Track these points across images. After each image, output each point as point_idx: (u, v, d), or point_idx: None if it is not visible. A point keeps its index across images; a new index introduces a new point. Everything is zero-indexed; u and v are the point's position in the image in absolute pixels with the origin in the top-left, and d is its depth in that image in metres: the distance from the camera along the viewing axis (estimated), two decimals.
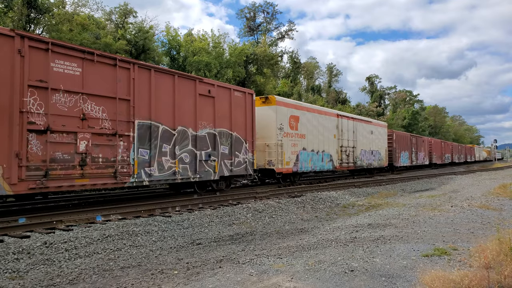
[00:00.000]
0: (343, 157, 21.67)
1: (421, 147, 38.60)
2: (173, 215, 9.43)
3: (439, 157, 45.48)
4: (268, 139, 16.46)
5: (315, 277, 4.97)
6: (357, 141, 23.68)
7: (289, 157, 17.09)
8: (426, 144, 41.30)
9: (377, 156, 26.71)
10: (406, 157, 33.64)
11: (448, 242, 6.75)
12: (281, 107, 16.76)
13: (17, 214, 9.11)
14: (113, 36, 27.79)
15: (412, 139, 35.99)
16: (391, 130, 31.98)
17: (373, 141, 26.25)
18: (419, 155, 37.60)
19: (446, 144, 51.14)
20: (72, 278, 5.30)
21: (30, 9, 20.19)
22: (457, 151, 57.61)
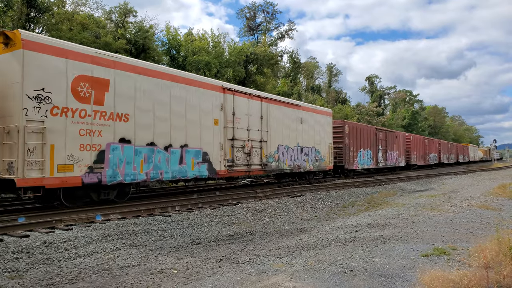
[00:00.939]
0: (238, 155, 14.42)
1: (393, 144, 30.46)
2: (172, 215, 9.43)
3: (421, 157, 38.48)
4: (8, 119, 8.53)
5: (314, 277, 4.98)
6: (271, 132, 16.19)
7: (76, 157, 9.19)
8: (401, 140, 32.97)
9: (312, 155, 19.28)
10: (369, 157, 25.94)
11: (448, 242, 6.75)
12: (40, 55, 8.61)
13: (16, 213, 9.11)
14: (113, 35, 27.78)
15: (379, 134, 27.95)
16: (342, 120, 24.58)
17: (305, 134, 18.81)
18: (390, 155, 29.78)
19: (432, 142, 43.92)
20: (71, 278, 5.31)
21: (30, 8, 20.18)
22: (446, 150, 50.23)
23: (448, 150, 50.96)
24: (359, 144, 24.64)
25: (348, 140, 23.28)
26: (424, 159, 39.55)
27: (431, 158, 42.26)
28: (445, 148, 49.18)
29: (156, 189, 15.87)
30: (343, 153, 22.92)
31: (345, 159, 22.95)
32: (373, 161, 26.79)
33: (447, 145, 51.31)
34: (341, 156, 22.86)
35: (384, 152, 28.70)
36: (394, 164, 30.71)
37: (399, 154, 32.25)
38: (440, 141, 47.56)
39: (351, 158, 23.51)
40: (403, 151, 33.51)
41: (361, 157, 24.96)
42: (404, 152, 33.48)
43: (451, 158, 52.50)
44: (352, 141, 23.76)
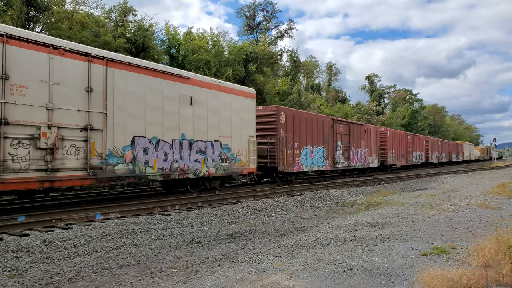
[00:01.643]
0: (18, 154, 8.22)
1: (359, 140, 24.30)
2: (172, 214, 9.44)
3: (402, 156, 32.44)
4: None
5: (314, 276, 4.98)
6: (116, 115, 10.21)
7: None
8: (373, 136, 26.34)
9: (214, 153, 13.29)
10: (321, 156, 20.14)
11: (447, 241, 6.76)
12: None
13: (16, 212, 9.11)
14: (113, 34, 27.76)
15: (338, 127, 21.83)
16: (276, 106, 17.67)
17: (199, 121, 12.76)
18: (355, 153, 23.78)
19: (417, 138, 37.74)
20: (71, 276, 5.31)
21: (29, 7, 20.16)
22: (436, 148, 44.33)
23: (438, 148, 45.12)
24: (303, 139, 18.48)
25: (284, 133, 16.98)
26: (405, 159, 33.34)
27: (415, 157, 36.32)
28: (434, 145, 43.30)
29: (156, 188, 15.88)
30: (275, 151, 16.60)
31: (279, 159, 16.45)
32: (328, 161, 20.56)
33: (437, 143, 45.24)
34: (274, 154, 16.62)
35: (346, 150, 22.42)
36: (361, 165, 24.41)
37: (370, 152, 25.93)
38: (428, 138, 42.09)
39: (289, 158, 17.24)
40: (376, 148, 27.03)
41: (308, 156, 18.74)
42: (377, 150, 27.24)
43: (442, 157, 46.88)
44: (292, 134, 17.62)
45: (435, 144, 44.09)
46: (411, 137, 35.98)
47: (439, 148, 45.86)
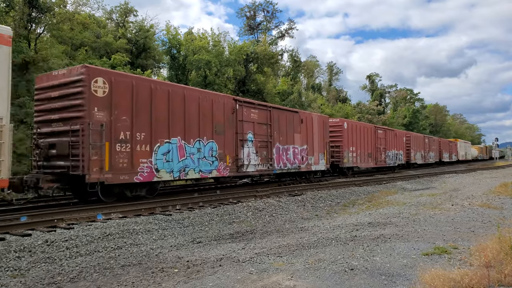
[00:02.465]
0: None
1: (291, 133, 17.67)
2: (173, 214, 9.45)
3: (368, 157, 25.51)
4: None
5: (315, 276, 4.98)
6: None
7: None
8: (318, 128, 19.80)
9: None
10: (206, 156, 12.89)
11: (449, 241, 6.75)
12: None
13: (18, 212, 9.13)
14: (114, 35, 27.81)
15: (242, 110, 14.61)
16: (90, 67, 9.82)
17: None
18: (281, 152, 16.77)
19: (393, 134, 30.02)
20: (73, 276, 5.32)
21: (31, 8, 20.18)
22: (422, 146, 37.71)
23: (424, 147, 38.43)
24: (161, 127, 11.24)
25: (104, 113, 9.78)
26: (374, 159, 26.09)
27: (390, 157, 28.91)
28: (418, 143, 36.65)
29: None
30: (81, 147, 9.34)
31: (87, 161, 9.28)
32: (224, 163, 13.59)
33: (423, 140, 38.51)
34: (78, 153, 9.34)
35: (263, 147, 15.59)
36: (296, 168, 17.60)
37: (311, 150, 18.90)
38: (410, 134, 35.46)
39: (119, 158, 10.05)
40: (324, 145, 20.25)
41: (173, 156, 11.61)
42: (325, 148, 20.49)
43: (430, 157, 40.22)
44: (130, 117, 10.37)
45: (419, 141, 37.37)
46: (383, 132, 28.35)
47: (426, 146, 39.06)
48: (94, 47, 25.61)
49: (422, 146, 38.18)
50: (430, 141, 41.26)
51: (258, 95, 31.55)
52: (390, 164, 29.19)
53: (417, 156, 36.43)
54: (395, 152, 30.31)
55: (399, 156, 31.40)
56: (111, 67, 21.82)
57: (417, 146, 36.54)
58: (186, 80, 27.53)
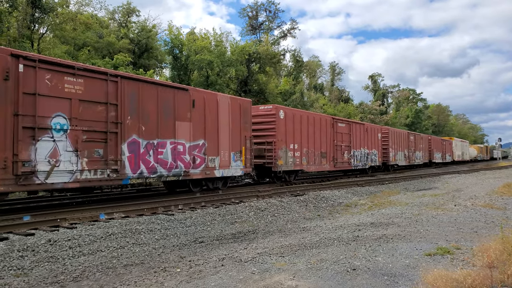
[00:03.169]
0: None
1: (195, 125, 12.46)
2: (175, 214, 9.47)
3: (322, 157, 19.79)
4: None
5: (317, 276, 4.98)
6: None
7: None
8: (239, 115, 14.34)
9: None
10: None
11: (451, 241, 6.73)
12: None
13: (21, 212, 9.18)
14: (116, 35, 27.87)
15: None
16: None
17: None
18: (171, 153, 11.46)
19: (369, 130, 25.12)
20: (76, 276, 5.34)
21: (34, 8, 20.27)
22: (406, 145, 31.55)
23: (408, 145, 32.19)
24: None
25: None
26: (331, 161, 20.61)
27: (358, 157, 23.50)
28: (400, 141, 30.28)
29: (160, 188, 15.92)
30: None
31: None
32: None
33: (406, 137, 32.03)
34: None
35: (90, 143, 9.52)
36: (178, 174, 11.85)
37: (214, 148, 13.22)
38: (388, 130, 28.51)
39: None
40: (240, 141, 14.36)
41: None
42: (241, 144, 14.50)
43: (417, 158, 34.42)
44: None
45: (401, 138, 30.57)
46: (347, 126, 22.13)
47: (411, 145, 32.78)
48: (96, 47, 25.70)
49: (406, 145, 31.67)
50: (416, 138, 34.88)
51: (260, 95, 31.57)
52: (358, 166, 22.99)
53: (399, 157, 30.03)
54: (365, 152, 24.09)
55: (372, 156, 25.11)
56: (114, 67, 21.87)
57: (398, 145, 30.02)
58: (188, 80, 27.58)
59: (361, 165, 23.99)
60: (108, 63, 22.44)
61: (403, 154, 31.10)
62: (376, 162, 26.25)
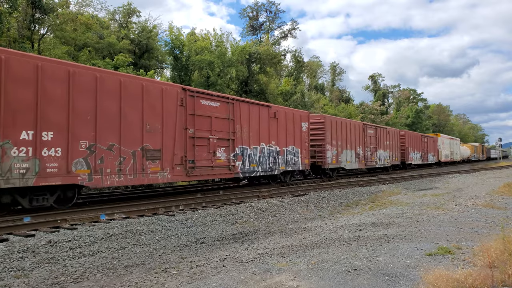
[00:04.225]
0: None
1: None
2: (176, 214, 9.47)
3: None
4: None
5: (318, 276, 4.97)
6: None
7: None
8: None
9: None
10: None
11: (452, 241, 6.73)
12: None
13: (22, 213, 9.18)
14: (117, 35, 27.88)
15: None
16: None
17: None
18: None
19: (284, 115, 17.01)
20: (76, 277, 5.34)
21: (34, 9, 20.28)
22: (353, 140, 23.20)
23: (364, 142, 24.40)
24: None
25: None
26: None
27: (262, 161, 15.38)
28: (347, 135, 22.58)
29: (160, 189, 15.92)
30: None
31: None
32: None
33: (360, 131, 24.17)
34: None
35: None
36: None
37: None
38: (325, 118, 21.04)
39: None
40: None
41: None
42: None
43: (380, 158, 26.69)
44: None
45: (351, 132, 22.91)
46: (245, 107, 14.67)
47: (369, 141, 24.94)
48: (97, 48, 25.70)
49: (359, 141, 23.72)
50: (379, 133, 26.39)
51: (260, 95, 31.57)
52: (258, 172, 15.19)
53: (346, 158, 22.24)
54: (272, 150, 16.13)
55: (289, 158, 17.23)
56: (114, 67, 21.88)
57: (345, 140, 22.16)
58: (189, 81, 27.59)
59: (266, 170, 16.34)
60: (108, 63, 22.45)
61: (353, 154, 23.17)
62: (299, 166, 18.71)
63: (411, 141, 33.23)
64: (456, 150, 48.92)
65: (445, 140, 44.06)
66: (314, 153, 20.56)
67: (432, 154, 38.76)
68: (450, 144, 46.17)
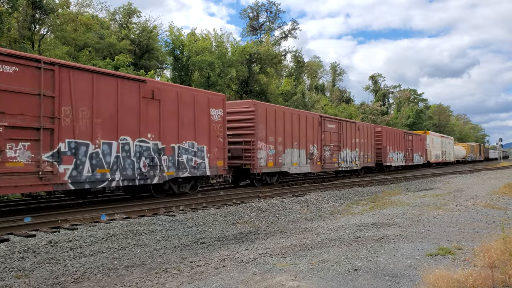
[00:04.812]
0: None
1: None
2: (177, 214, 9.47)
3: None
4: None
5: (318, 276, 4.97)
6: None
7: None
8: None
9: None
10: None
11: (453, 242, 6.72)
12: None
13: (22, 213, 9.18)
14: (117, 36, 27.90)
15: None
16: None
17: None
18: None
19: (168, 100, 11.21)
20: (77, 277, 5.34)
21: (35, 9, 20.30)
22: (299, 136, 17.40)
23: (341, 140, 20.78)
24: None
25: None
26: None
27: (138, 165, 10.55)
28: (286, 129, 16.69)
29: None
30: None
31: None
32: None
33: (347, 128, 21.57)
34: None
35: None
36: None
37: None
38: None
39: None
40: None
41: None
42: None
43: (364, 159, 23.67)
44: None
45: (308, 125, 18.19)
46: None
47: (329, 138, 19.68)
48: (97, 48, 25.73)
49: (313, 138, 18.48)
50: (344, 128, 21.06)
51: (261, 95, 31.57)
52: (113, 182, 10.05)
53: (292, 159, 17.04)
54: (147, 148, 11.28)
55: (185, 158, 12.21)
56: (114, 68, 21.90)
57: (290, 136, 16.95)
58: (189, 81, 27.61)
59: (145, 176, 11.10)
60: (109, 64, 22.47)
61: (299, 154, 17.68)
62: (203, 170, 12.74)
63: (390, 139, 28.06)
64: (449, 150, 44.26)
65: (435, 138, 39.13)
66: (240, 153, 15.37)
67: (419, 154, 34.06)
68: (442, 143, 41.40)
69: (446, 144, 43.24)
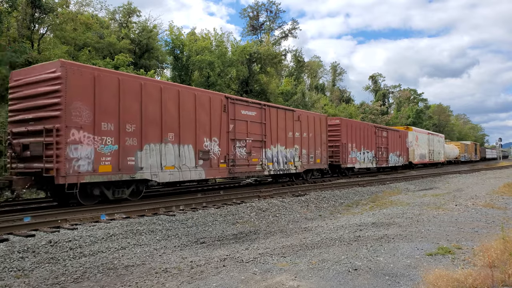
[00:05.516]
0: None
1: None
2: (177, 214, 9.47)
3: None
4: None
5: (318, 276, 4.98)
6: None
7: None
8: None
9: None
10: None
11: (452, 241, 6.73)
12: None
13: (22, 212, 9.18)
14: (117, 35, 27.88)
15: None
16: None
17: None
18: None
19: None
20: (76, 277, 5.34)
21: (34, 8, 20.28)
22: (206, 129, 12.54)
23: (264, 133, 15.47)
24: None
25: None
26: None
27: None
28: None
29: (161, 189, 15.92)
30: None
31: None
32: None
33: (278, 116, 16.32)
34: None
35: None
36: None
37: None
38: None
39: None
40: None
41: None
42: None
43: (307, 159, 18.26)
44: None
45: (205, 111, 12.72)
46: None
47: (248, 132, 14.75)
48: (97, 48, 25.70)
49: (211, 128, 13.10)
50: (270, 116, 15.93)
51: (261, 95, 31.56)
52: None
53: (157, 159, 10.82)
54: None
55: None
56: (114, 67, 21.89)
57: (151, 123, 10.88)
58: (189, 81, 27.59)
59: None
60: (108, 63, 22.45)
61: (178, 152, 11.95)
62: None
63: (354, 135, 22.75)
64: (439, 149, 38.93)
65: (419, 135, 33.63)
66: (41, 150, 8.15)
67: (398, 154, 28.99)
68: (429, 141, 35.71)
69: (435, 142, 37.99)
